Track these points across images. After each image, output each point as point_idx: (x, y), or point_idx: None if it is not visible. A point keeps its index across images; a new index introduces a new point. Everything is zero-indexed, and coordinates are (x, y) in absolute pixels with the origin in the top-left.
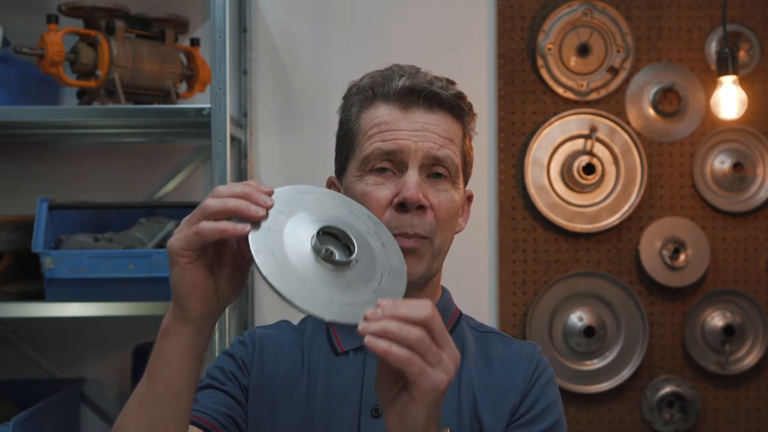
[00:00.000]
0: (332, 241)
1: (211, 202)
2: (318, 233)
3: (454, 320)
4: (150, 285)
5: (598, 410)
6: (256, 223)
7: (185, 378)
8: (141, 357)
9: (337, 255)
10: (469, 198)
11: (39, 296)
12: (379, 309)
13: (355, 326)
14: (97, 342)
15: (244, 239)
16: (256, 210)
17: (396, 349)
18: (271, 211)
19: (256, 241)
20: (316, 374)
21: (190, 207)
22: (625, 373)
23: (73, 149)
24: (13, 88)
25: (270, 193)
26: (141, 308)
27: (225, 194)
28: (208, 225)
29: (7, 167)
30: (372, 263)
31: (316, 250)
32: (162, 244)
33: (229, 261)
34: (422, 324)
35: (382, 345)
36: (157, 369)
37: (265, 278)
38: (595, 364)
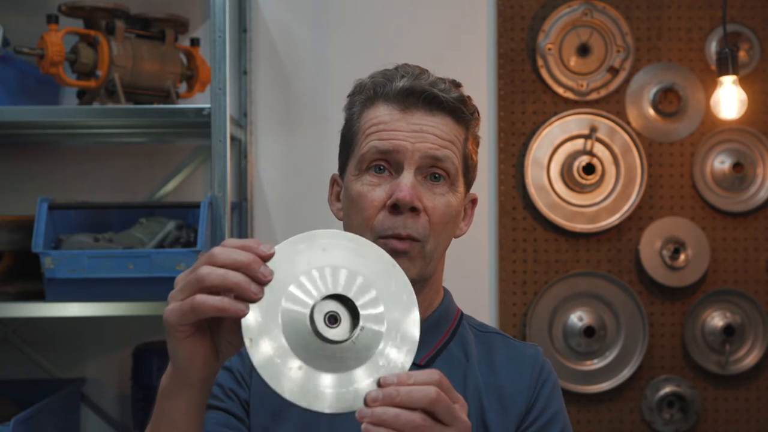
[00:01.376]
0: (338, 301)
1: (208, 273)
2: (318, 301)
3: (456, 322)
4: (150, 285)
5: (598, 410)
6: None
7: None
8: (141, 357)
9: (339, 327)
10: (473, 201)
11: (39, 296)
12: (380, 392)
13: (354, 413)
14: (97, 342)
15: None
16: (254, 290)
17: None
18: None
19: (249, 328)
20: None
21: (190, 207)
22: (625, 373)
23: (73, 149)
24: (13, 88)
25: (269, 257)
26: (141, 308)
27: (224, 263)
28: (206, 301)
29: (7, 167)
30: (379, 327)
31: (314, 327)
32: (162, 244)
33: (230, 324)
34: (425, 408)
35: None
36: (161, 431)
37: (257, 371)
38: (595, 364)
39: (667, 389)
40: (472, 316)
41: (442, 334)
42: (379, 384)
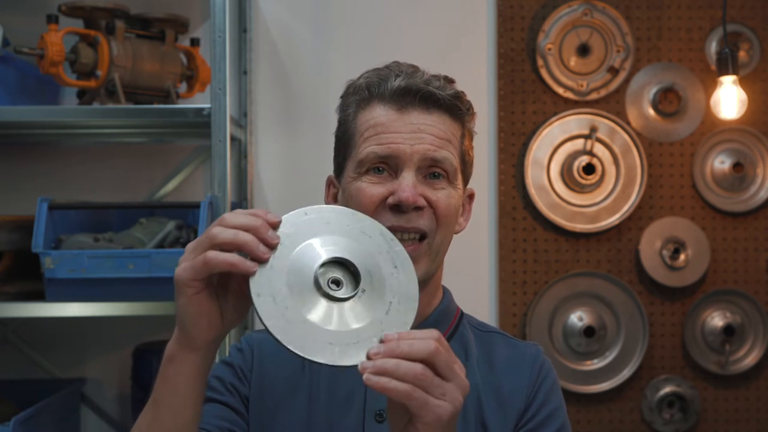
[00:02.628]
0: (340, 268)
1: (219, 232)
2: (322, 264)
3: (456, 321)
4: (150, 285)
5: (598, 410)
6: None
7: (192, 404)
8: (141, 357)
9: (342, 290)
10: (471, 197)
11: (39, 296)
12: (382, 346)
13: (356, 366)
14: (97, 342)
15: (245, 276)
16: (263, 250)
17: (394, 385)
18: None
19: (257, 283)
20: (318, 378)
21: (190, 207)
22: (625, 373)
23: (73, 149)
24: (13, 88)
25: (277, 224)
26: (141, 308)
27: (234, 224)
28: (217, 256)
29: (7, 167)
30: (381, 290)
31: (317, 286)
32: (162, 244)
33: (235, 288)
34: (424, 360)
35: (381, 381)
36: (163, 397)
37: (264, 324)
38: (595, 364)
39: (667, 389)
40: (473, 316)
41: (442, 332)
42: (381, 340)
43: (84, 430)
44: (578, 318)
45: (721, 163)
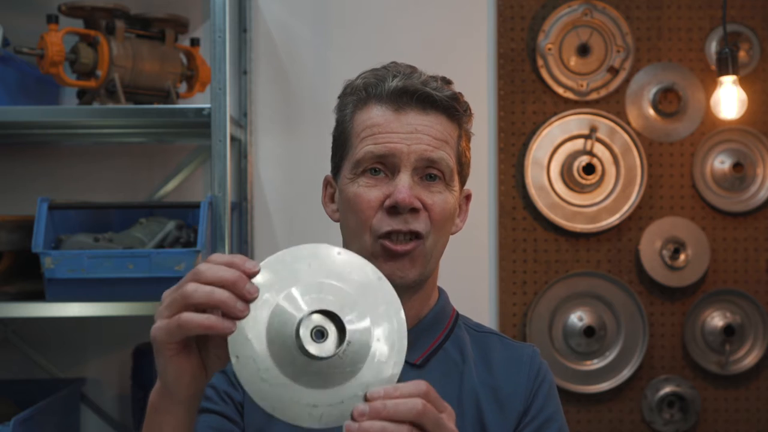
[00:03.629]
0: (323, 317)
1: (194, 290)
2: (304, 317)
3: (452, 322)
4: (150, 285)
5: (598, 410)
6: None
7: None
8: (141, 357)
9: (325, 341)
10: (468, 197)
11: (39, 296)
12: (367, 406)
13: (341, 428)
14: (97, 342)
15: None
16: (240, 308)
17: None
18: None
19: (235, 343)
20: None
21: (190, 207)
22: (625, 373)
23: (73, 149)
24: (13, 88)
25: (255, 274)
26: (141, 308)
27: (209, 280)
28: (192, 319)
29: (7, 167)
30: (367, 338)
31: (299, 344)
32: (162, 244)
33: (217, 339)
34: (412, 421)
35: None
36: None
37: (243, 389)
38: (595, 364)
39: (667, 389)
40: (469, 317)
41: (438, 333)
42: (366, 398)
43: (84, 430)
44: (578, 318)
45: (721, 163)
